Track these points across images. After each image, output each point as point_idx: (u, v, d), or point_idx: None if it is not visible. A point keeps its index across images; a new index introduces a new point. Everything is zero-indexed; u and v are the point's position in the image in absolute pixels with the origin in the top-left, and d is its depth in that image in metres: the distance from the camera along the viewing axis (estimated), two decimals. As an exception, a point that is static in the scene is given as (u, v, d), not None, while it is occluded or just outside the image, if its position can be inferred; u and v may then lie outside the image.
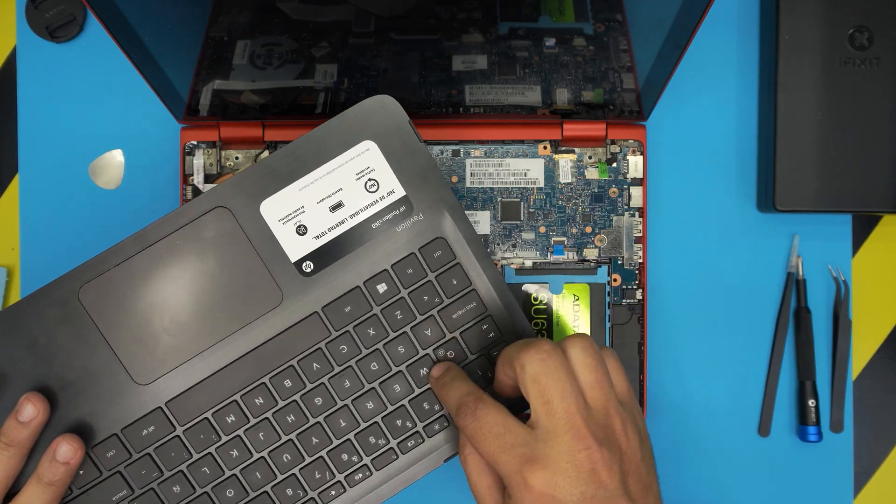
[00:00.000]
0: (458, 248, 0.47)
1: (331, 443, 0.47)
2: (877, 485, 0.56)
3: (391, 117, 0.46)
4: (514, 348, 0.42)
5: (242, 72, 0.48)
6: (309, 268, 0.45)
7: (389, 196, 0.46)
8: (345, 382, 0.47)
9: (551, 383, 0.40)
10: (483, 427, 0.40)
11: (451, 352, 0.47)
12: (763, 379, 0.56)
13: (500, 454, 0.40)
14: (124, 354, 0.45)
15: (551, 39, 0.46)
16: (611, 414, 0.40)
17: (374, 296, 0.46)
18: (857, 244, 0.56)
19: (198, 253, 0.45)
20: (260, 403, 0.46)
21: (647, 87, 0.49)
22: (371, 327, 0.46)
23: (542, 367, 0.40)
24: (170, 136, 0.55)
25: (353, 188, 0.46)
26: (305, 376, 0.46)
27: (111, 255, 0.45)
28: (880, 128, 0.53)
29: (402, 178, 0.46)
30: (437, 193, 0.46)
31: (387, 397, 0.47)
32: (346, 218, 0.46)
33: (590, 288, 0.54)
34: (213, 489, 0.47)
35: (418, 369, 0.47)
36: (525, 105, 0.52)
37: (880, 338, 0.56)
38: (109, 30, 0.43)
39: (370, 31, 0.44)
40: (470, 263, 0.47)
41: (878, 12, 0.53)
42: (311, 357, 0.46)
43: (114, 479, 0.46)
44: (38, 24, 0.55)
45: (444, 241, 0.46)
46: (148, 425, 0.45)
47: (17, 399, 0.44)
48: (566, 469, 0.39)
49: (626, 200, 0.54)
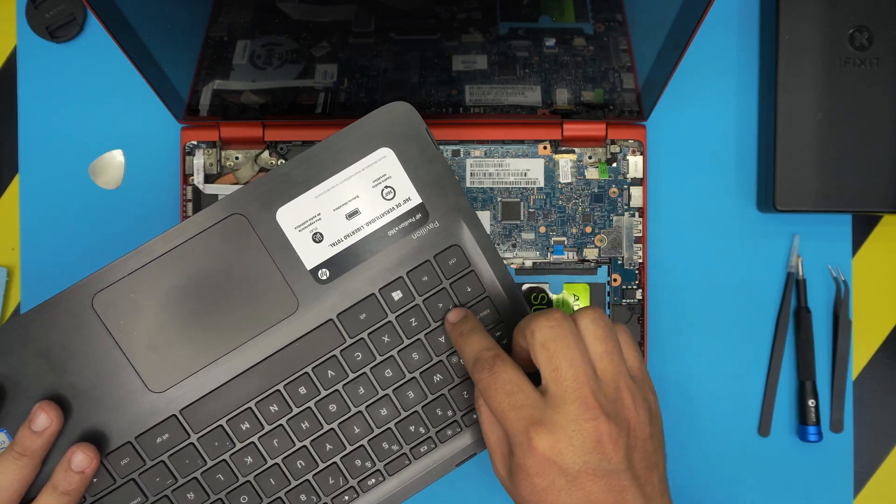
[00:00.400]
0: (473, 256, 0.47)
1: (344, 449, 0.47)
2: (877, 485, 0.56)
3: (408, 123, 0.45)
4: (527, 318, 0.42)
5: (242, 72, 0.48)
6: (325, 275, 0.45)
7: (406, 203, 0.46)
8: (359, 389, 0.47)
9: (560, 350, 0.40)
10: (497, 383, 0.41)
11: None
12: (763, 379, 0.56)
13: (509, 412, 0.40)
14: (138, 362, 0.45)
15: (551, 39, 0.46)
16: (621, 388, 0.40)
17: (389, 303, 0.46)
18: (857, 244, 0.56)
19: (213, 260, 0.45)
20: (274, 411, 0.46)
21: (647, 87, 0.49)
22: (386, 334, 0.47)
23: (552, 334, 0.40)
24: (170, 136, 0.55)
25: (370, 195, 0.46)
26: (320, 383, 0.46)
27: (125, 262, 0.44)
28: (880, 128, 0.53)
29: (419, 185, 0.46)
30: (452, 201, 0.46)
31: (400, 404, 0.47)
32: (362, 225, 0.46)
33: (590, 288, 0.54)
34: (227, 495, 0.47)
35: (432, 376, 0.47)
36: (525, 105, 0.52)
37: (880, 338, 0.56)
38: (109, 30, 0.43)
39: (370, 31, 0.44)
40: (485, 271, 0.47)
41: (878, 12, 0.53)
42: (325, 364, 0.46)
43: (128, 487, 0.46)
44: (38, 24, 0.55)
45: (459, 249, 0.47)
46: (162, 433, 0.45)
47: (31, 408, 0.43)
48: (571, 437, 0.39)
49: (626, 200, 0.54)
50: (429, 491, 0.55)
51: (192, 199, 0.54)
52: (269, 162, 0.54)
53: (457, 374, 0.48)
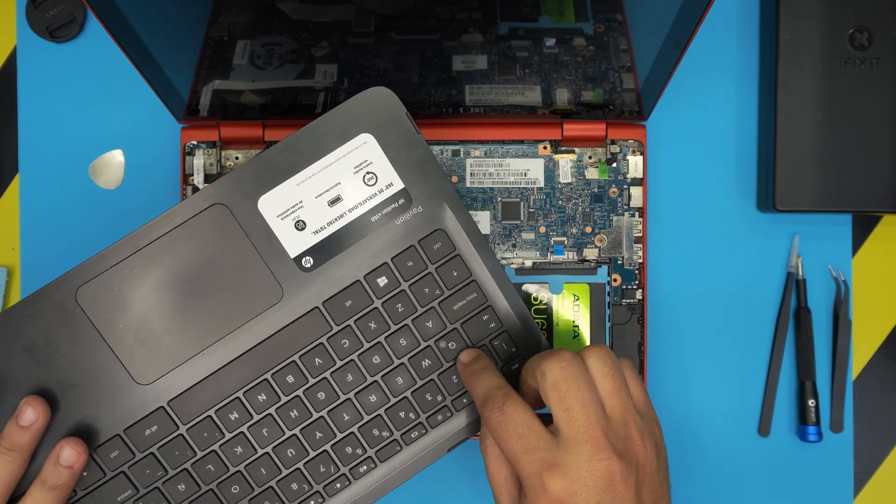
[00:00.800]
0: (457, 240, 0.47)
1: (334, 437, 0.47)
2: (877, 485, 0.56)
3: (388, 109, 0.45)
4: (536, 358, 0.43)
5: (242, 72, 0.48)
6: (308, 263, 0.45)
7: (388, 189, 0.46)
8: (347, 376, 0.47)
9: (571, 391, 0.40)
10: (508, 424, 0.41)
11: (452, 343, 0.47)
12: (763, 379, 0.56)
13: (521, 454, 0.40)
14: (124, 355, 0.45)
15: (551, 39, 0.46)
16: (629, 424, 0.41)
17: (374, 289, 0.46)
18: (857, 244, 0.56)
19: (195, 251, 0.45)
20: (263, 400, 0.46)
21: (647, 87, 0.49)
22: (372, 321, 0.47)
23: (563, 375, 0.41)
24: (170, 136, 0.55)
25: (352, 182, 0.46)
26: (308, 371, 0.46)
27: (108, 255, 0.44)
28: (880, 128, 0.53)
29: (401, 170, 0.46)
30: (436, 185, 0.46)
31: (389, 390, 0.47)
32: (344, 212, 0.46)
33: (590, 288, 0.54)
34: (217, 486, 0.47)
35: (420, 361, 0.47)
36: (525, 105, 0.52)
37: (880, 338, 0.56)
38: (109, 30, 0.43)
39: (370, 31, 0.44)
40: (470, 255, 0.47)
41: (878, 12, 0.53)
42: (312, 352, 0.46)
43: (118, 480, 0.46)
44: (38, 24, 0.55)
45: (443, 233, 0.47)
46: (151, 425, 0.45)
47: (17, 403, 0.44)
48: (585, 478, 0.39)
49: (626, 200, 0.54)
50: (421, 476, 0.55)
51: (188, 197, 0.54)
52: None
53: (445, 358, 0.48)
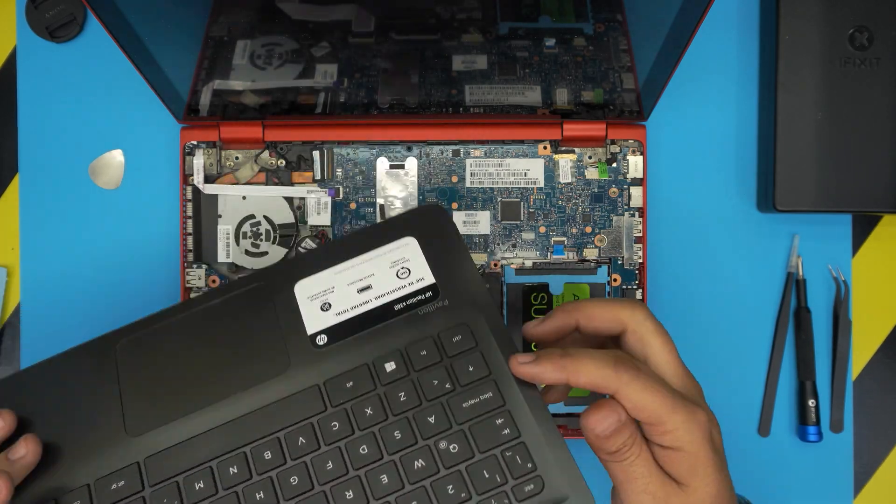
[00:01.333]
0: (481, 337, 0.44)
1: None
2: (877, 485, 0.56)
3: (438, 223, 0.47)
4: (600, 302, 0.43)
5: (242, 72, 0.48)
6: (322, 341, 0.45)
7: (418, 283, 0.45)
8: (327, 464, 0.42)
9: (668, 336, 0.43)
10: None
11: (454, 445, 0.41)
12: (763, 379, 0.56)
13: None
14: (129, 406, 0.45)
15: (551, 39, 0.46)
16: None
17: (380, 374, 0.43)
18: (857, 244, 0.56)
19: (227, 320, 0.46)
20: (233, 473, 0.43)
21: (647, 87, 0.49)
22: (369, 406, 0.43)
23: (655, 321, 0.43)
24: (170, 136, 0.55)
25: (385, 274, 0.46)
26: (288, 451, 0.43)
27: (156, 316, 0.46)
28: (880, 128, 0.53)
29: (436, 269, 0.46)
30: (468, 287, 0.45)
31: (371, 490, 0.41)
32: (370, 299, 0.45)
33: (590, 288, 0.54)
34: None
35: (413, 461, 0.41)
36: (525, 105, 0.52)
37: (880, 338, 0.56)
38: (109, 30, 0.43)
39: (370, 31, 0.44)
40: (493, 354, 0.43)
41: (878, 12, 0.53)
42: (298, 430, 0.43)
43: None
44: (38, 24, 0.55)
45: (466, 328, 0.44)
46: (119, 480, 0.43)
47: None
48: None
49: (626, 200, 0.54)
50: None
51: (191, 199, 0.54)
52: (269, 162, 0.54)
53: (443, 463, 0.41)
